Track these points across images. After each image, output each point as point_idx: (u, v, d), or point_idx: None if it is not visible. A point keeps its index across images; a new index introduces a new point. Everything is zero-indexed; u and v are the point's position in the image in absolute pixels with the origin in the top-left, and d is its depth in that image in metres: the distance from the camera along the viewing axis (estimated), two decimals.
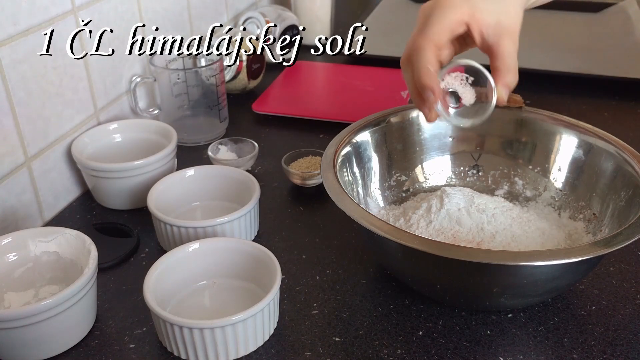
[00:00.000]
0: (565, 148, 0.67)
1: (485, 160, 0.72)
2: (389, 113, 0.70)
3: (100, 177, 0.72)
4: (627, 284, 0.62)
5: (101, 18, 0.77)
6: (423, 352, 0.54)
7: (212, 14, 1.04)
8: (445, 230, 0.61)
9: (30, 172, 0.69)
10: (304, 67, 1.09)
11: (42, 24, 0.68)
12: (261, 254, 0.58)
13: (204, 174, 0.72)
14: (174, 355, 0.54)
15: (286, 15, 1.10)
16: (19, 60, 0.66)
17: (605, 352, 0.54)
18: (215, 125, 0.88)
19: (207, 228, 0.64)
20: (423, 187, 0.71)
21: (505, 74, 0.56)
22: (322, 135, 0.88)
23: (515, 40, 0.57)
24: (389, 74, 1.04)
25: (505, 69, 0.56)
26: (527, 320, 0.58)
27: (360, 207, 0.55)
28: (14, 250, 0.59)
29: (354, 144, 0.66)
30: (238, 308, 0.53)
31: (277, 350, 0.55)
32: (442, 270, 0.54)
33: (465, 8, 0.55)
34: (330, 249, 0.67)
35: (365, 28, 1.18)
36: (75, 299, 0.53)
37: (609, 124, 0.80)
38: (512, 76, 0.57)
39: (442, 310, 0.59)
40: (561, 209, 0.67)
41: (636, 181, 0.59)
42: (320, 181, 0.74)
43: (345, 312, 0.59)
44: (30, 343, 0.53)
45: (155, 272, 0.56)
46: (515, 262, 0.49)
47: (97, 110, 0.79)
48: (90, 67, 0.76)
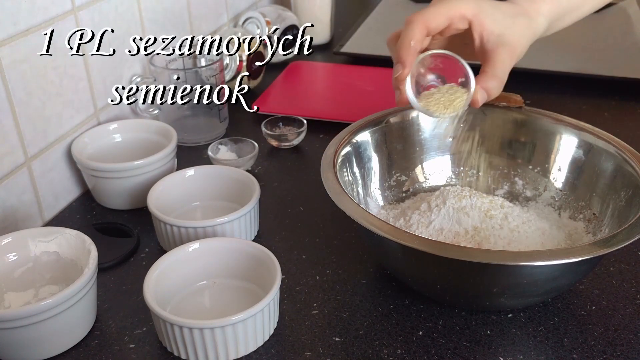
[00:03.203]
0: (565, 148, 0.67)
1: (485, 160, 0.72)
2: (389, 113, 0.70)
3: (100, 177, 0.72)
4: (627, 284, 0.62)
5: (101, 18, 0.77)
6: (423, 352, 0.54)
7: (212, 14, 1.04)
8: (445, 230, 0.61)
9: (30, 172, 0.69)
10: (304, 67, 1.09)
11: (42, 24, 0.68)
12: (261, 254, 0.58)
13: (204, 174, 0.72)
14: (174, 355, 0.54)
15: (286, 15, 1.10)
16: (19, 60, 0.66)
17: (605, 352, 0.54)
18: (215, 125, 0.88)
19: (207, 228, 0.64)
20: (423, 187, 0.71)
21: (490, 78, 0.56)
22: (322, 135, 0.88)
23: (512, 56, 0.56)
24: (389, 74, 1.03)
25: (492, 74, 0.56)
26: (527, 320, 0.58)
27: (360, 207, 0.55)
28: (14, 250, 0.59)
29: (354, 144, 0.66)
30: (238, 308, 0.53)
31: (277, 350, 0.55)
32: (442, 270, 0.54)
33: (472, 5, 0.55)
34: (330, 249, 0.67)
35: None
36: (75, 299, 0.53)
37: (609, 124, 0.80)
38: (496, 83, 0.56)
39: (442, 310, 0.59)
40: (561, 209, 0.67)
41: (636, 181, 0.59)
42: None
43: (345, 312, 0.59)
44: (30, 343, 0.53)
45: (155, 272, 0.56)
46: (515, 262, 0.49)
47: (97, 110, 0.79)
48: (90, 67, 0.76)
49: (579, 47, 1.12)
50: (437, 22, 0.55)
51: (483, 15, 0.55)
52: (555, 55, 1.07)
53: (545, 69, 1.02)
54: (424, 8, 0.57)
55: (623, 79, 0.99)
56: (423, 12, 0.56)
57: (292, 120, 0.87)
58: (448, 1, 0.56)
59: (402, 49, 0.55)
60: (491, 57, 0.56)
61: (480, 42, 0.56)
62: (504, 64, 0.55)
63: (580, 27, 1.22)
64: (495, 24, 0.55)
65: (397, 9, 1.34)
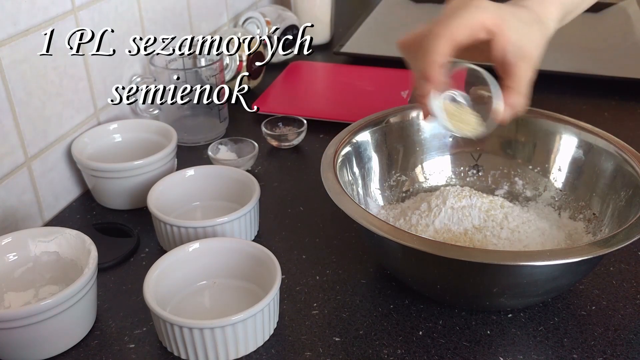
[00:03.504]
0: (565, 148, 0.67)
1: (485, 160, 0.72)
2: (389, 113, 0.70)
3: (100, 177, 0.72)
4: (627, 284, 0.62)
5: (101, 18, 0.77)
6: (423, 352, 0.54)
7: (212, 14, 1.04)
8: (445, 230, 0.61)
9: (30, 172, 0.69)
10: (304, 67, 1.09)
11: (42, 24, 0.68)
12: (261, 254, 0.58)
13: (204, 174, 0.72)
14: (174, 355, 0.54)
15: (286, 15, 1.10)
16: (19, 60, 0.66)
17: (605, 352, 0.54)
18: (215, 125, 0.88)
19: (207, 228, 0.64)
20: (423, 187, 0.71)
21: (516, 94, 0.54)
22: (322, 135, 0.88)
23: (533, 69, 0.54)
24: (389, 74, 1.04)
25: (517, 90, 0.54)
26: (527, 320, 0.58)
27: (360, 207, 0.55)
28: (14, 250, 0.59)
29: (354, 144, 0.66)
30: (238, 308, 0.53)
31: (277, 350, 0.55)
32: (442, 270, 0.54)
33: (494, 15, 0.53)
34: (330, 249, 0.67)
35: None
36: (75, 299, 0.53)
37: (609, 124, 0.80)
38: (522, 99, 0.54)
39: (442, 310, 0.59)
40: (561, 209, 0.67)
41: (636, 181, 0.59)
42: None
43: (345, 312, 0.59)
44: (30, 343, 0.53)
45: (155, 272, 0.56)
46: (515, 262, 0.49)
47: (97, 110, 0.79)
48: (90, 67, 0.76)
49: (579, 47, 1.12)
50: (463, 36, 0.52)
51: (505, 25, 0.53)
52: (555, 55, 1.07)
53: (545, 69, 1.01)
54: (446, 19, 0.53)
55: (623, 79, 0.99)
56: (447, 24, 0.52)
57: (292, 120, 0.87)
58: (469, 11, 0.53)
59: (427, 65, 0.52)
60: (513, 71, 0.54)
61: (502, 53, 0.53)
62: (527, 78, 0.54)
63: (580, 27, 1.23)
64: (516, 35, 0.53)
65: (397, 9, 1.34)
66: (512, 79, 0.54)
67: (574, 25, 0.65)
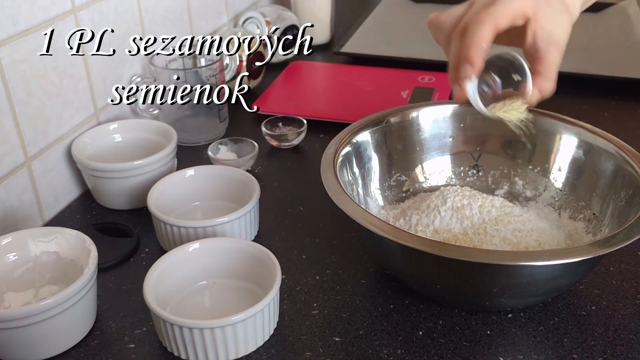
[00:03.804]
0: (565, 148, 0.67)
1: (485, 160, 0.72)
2: (389, 113, 0.70)
3: (100, 177, 0.72)
4: (627, 284, 0.62)
5: (101, 18, 0.77)
6: (423, 352, 0.54)
7: (212, 14, 1.04)
8: (445, 230, 0.61)
9: (30, 172, 0.69)
10: (304, 67, 1.09)
11: (42, 24, 0.68)
12: (261, 254, 0.58)
13: (204, 174, 0.72)
14: (174, 355, 0.54)
15: (286, 15, 1.10)
16: (19, 60, 0.66)
17: (605, 352, 0.54)
18: (215, 125, 0.88)
19: (207, 228, 0.64)
20: (423, 187, 0.71)
21: (545, 79, 0.57)
22: (322, 135, 0.88)
23: (561, 55, 0.57)
24: (389, 74, 1.04)
25: (546, 75, 0.57)
26: (527, 320, 0.58)
27: (360, 207, 0.55)
28: (14, 250, 0.59)
29: (354, 144, 0.66)
30: (238, 308, 0.53)
31: (277, 350, 0.55)
32: (442, 270, 0.54)
33: (531, 3, 0.55)
34: (330, 249, 0.67)
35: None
36: (75, 299, 0.53)
37: (609, 124, 0.80)
38: (551, 84, 0.57)
39: (442, 310, 0.59)
40: (561, 209, 0.67)
41: (636, 181, 0.59)
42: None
43: (345, 312, 0.59)
44: (30, 343, 0.53)
45: (155, 272, 0.56)
46: (515, 262, 0.49)
47: (97, 110, 0.79)
48: (90, 67, 0.76)
49: (579, 47, 1.12)
50: (505, 22, 0.55)
51: (540, 12, 0.55)
52: None
53: None
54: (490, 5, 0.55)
55: (623, 79, 0.99)
56: (491, 11, 0.55)
57: (292, 120, 0.87)
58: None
59: (472, 49, 0.55)
60: (544, 57, 0.56)
61: (534, 39, 0.56)
62: (556, 64, 0.57)
63: (580, 27, 1.22)
64: (548, 21, 0.56)
65: (397, 9, 1.34)
66: (542, 64, 0.57)
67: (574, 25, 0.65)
